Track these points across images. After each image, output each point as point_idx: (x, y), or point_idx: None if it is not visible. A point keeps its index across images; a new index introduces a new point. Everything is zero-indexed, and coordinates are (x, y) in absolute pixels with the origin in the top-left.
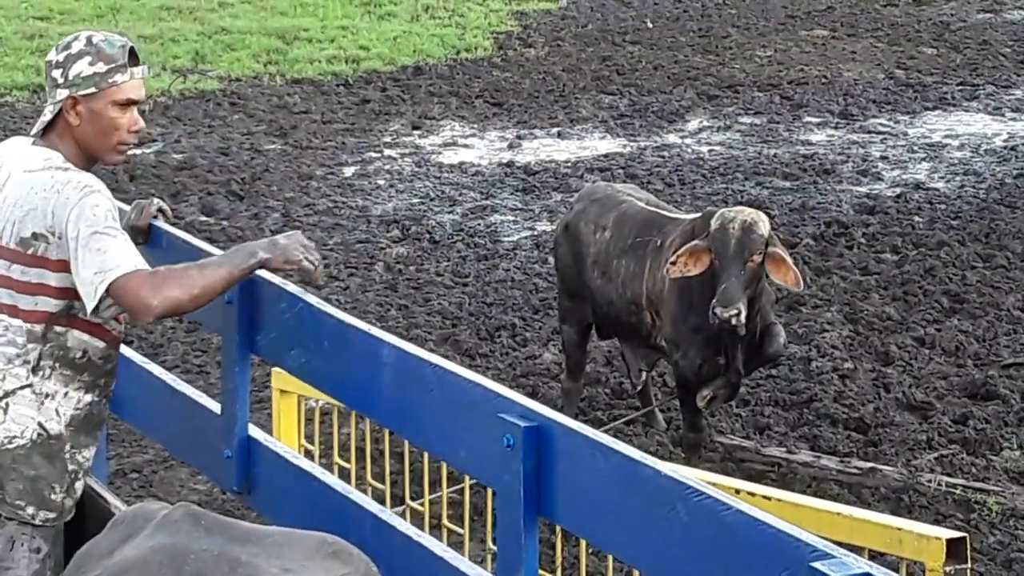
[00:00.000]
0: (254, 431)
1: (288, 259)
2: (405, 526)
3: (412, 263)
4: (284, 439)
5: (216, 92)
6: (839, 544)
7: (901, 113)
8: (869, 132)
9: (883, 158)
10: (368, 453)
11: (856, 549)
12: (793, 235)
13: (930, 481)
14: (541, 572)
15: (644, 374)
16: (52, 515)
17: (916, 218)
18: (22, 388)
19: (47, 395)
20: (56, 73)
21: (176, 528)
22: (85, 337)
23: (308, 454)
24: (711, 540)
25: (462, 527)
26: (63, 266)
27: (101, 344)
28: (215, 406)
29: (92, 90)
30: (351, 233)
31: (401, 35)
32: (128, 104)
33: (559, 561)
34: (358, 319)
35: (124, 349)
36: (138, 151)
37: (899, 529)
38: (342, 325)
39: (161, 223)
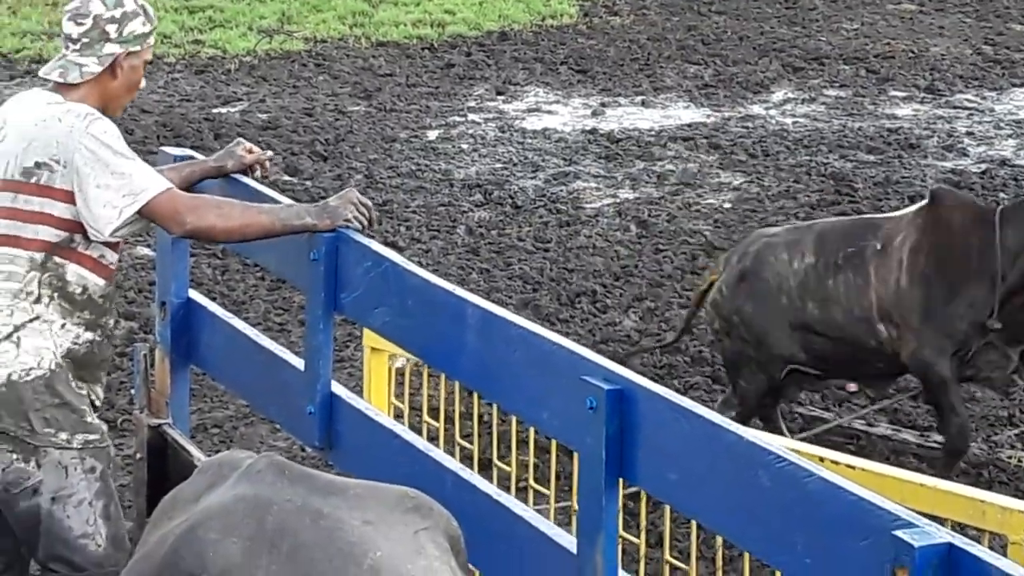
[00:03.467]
0: (337, 388)
1: (335, 221)
2: (486, 485)
3: (494, 227)
4: (374, 397)
5: (301, 53)
6: (921, 515)
7: (988, 89)
8: (955, 107)
9: (969, 134)
10: (457, 412)
11: (939, 520)
12: (877, 209)
13: (1010, 457)
14: (624, 534)
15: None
16: (94, 436)
17: (1001, 194)
18: (31, 320)
19: (53, 324)
20: (111, 28)
21: (260, 478)
22: (83, 271)
23: (398, 412)
24: (793, 507)
25: (548, 489)
26: (68, 196)
27: (101, 281)
28: (298, 362)
29: (138, 48)
30: (433, 196)
31: (487, 0)
32: (148, 63)
33: (643, 525)
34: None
35: (207, 303)
36: (224, 109)
37: (982, 501)
38: (427, 285)
39: (246, 179)
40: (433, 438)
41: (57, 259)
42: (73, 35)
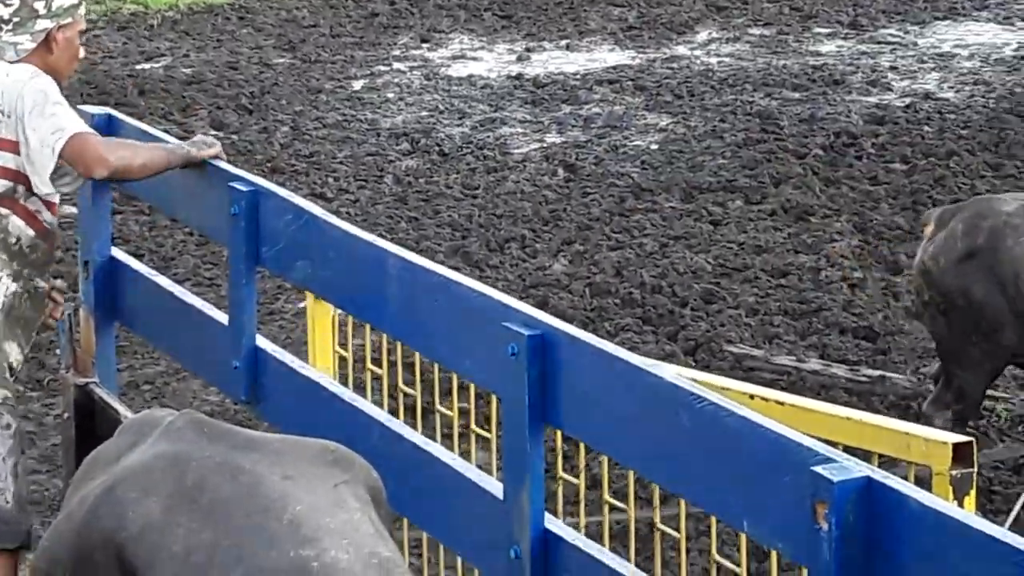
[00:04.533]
0: (262, 341)
1: (209, 150)
2: (412, 434)
3: (421, 176)
4: (318, 346)
5: (224, 6)
6: (849, 449)
7: (911, 23)
8: (879, 42)
9: (893, 68)
10: (400, 360)
11: (866, 454)
12: (803, 146)
13: None
14: (564, 475)
15: None
16: (9, 394)
17: (926, 128)
18: None
19: None
20: (39, 5)
21: (180, 435)
22: (20, 223)
23: (343, 361)
24: (714, 446)
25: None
26: (14, 146)
27: (31, 232)
28: (223, 317)
29: (69, 20)
30: (360, 146)
31: None
32: (83, 33)
33: (581, 466)
34: (367, 231)
35: (130, 260)
36: (147, 65)
37: (907, 434)
38: (347, 236)
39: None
40: (377, 387)
41: (1, 210)
42: (4, 16)
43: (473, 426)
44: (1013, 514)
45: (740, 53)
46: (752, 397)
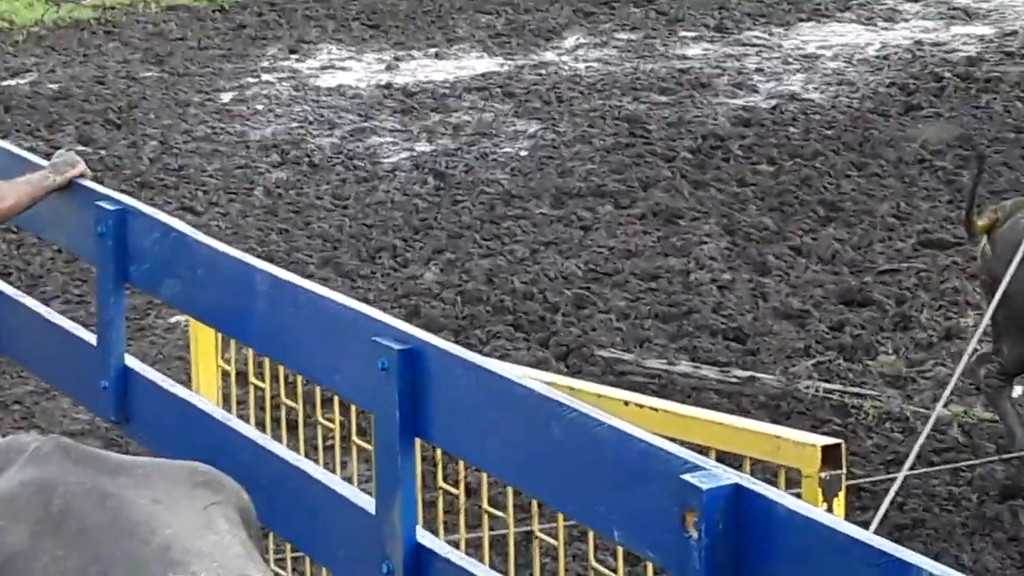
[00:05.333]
0: (131, 361)
1: (72, 170)
2: (283, 451)
3: (292, 187)
4: (201, 360)
5: (91, 21)
6: (721, 453)
7: (776, 25)
8: (744, 45)
9: (758, 70)
10: (282, 373)
11: (738, 457)
12: (671, 149)
13: (808, 388)
14: (444, 486)
15: None
16: None
17: (791, 129)
18: None
19: None
20: None
21: (46, 460)
22: None
23: (226, 375)
24: (584, 456)
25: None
26: None
27: None
28: (91, 337)
29: None
30: (230, 159)
31: None
32: None
33: (461, 476)
34: (238, 245)
35: None
36: (13, 81)
37: (777, 437)
38: (215, 253)
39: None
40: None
41: None
42: None
43: (354, 437)
44: (880, 512)
45: (608, 58)
46: (627, 404)
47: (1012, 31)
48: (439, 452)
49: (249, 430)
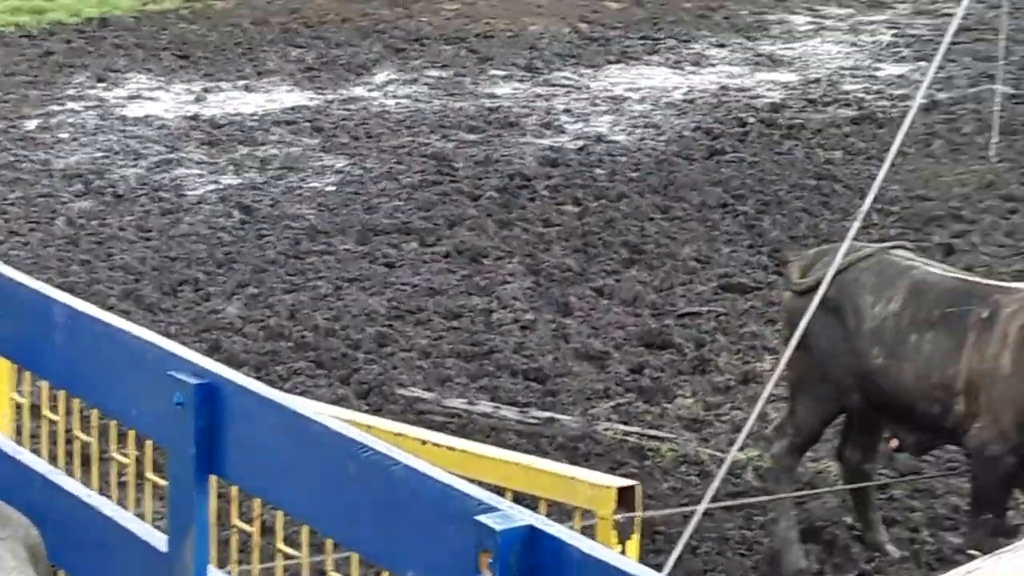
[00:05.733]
0: None
1: None
2: (74, 486)
3: (95, 218)
4: None
5: None
6: (518, 493)
7: (585, 66)
8: (553, 85)
9: (566, 111)
10: (76, 405)
11: (535, 498)
12: (477, 188)
13: (606, 429)
14: (238, 523)
15: (893, 442)
16: None
17: (597, 170)
18: None
19: None
20: None
21: None
22: None
23: (19, 407)
24: (380, 495)
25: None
26: None
27: None
28: None
29: None
30: (32, 187)
31: None
32: None
33: (256, 513)
34: (38, 275)
35: None
36: None
37: (573, 478)
38: (11, 283)
39: None
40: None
41: None
42: None
43: (149, 473)
44: (675, 554)
45: (417, 95)
46: (424, 443)
47: (815, 79)
48: (235, 489)
49: (40, 464)
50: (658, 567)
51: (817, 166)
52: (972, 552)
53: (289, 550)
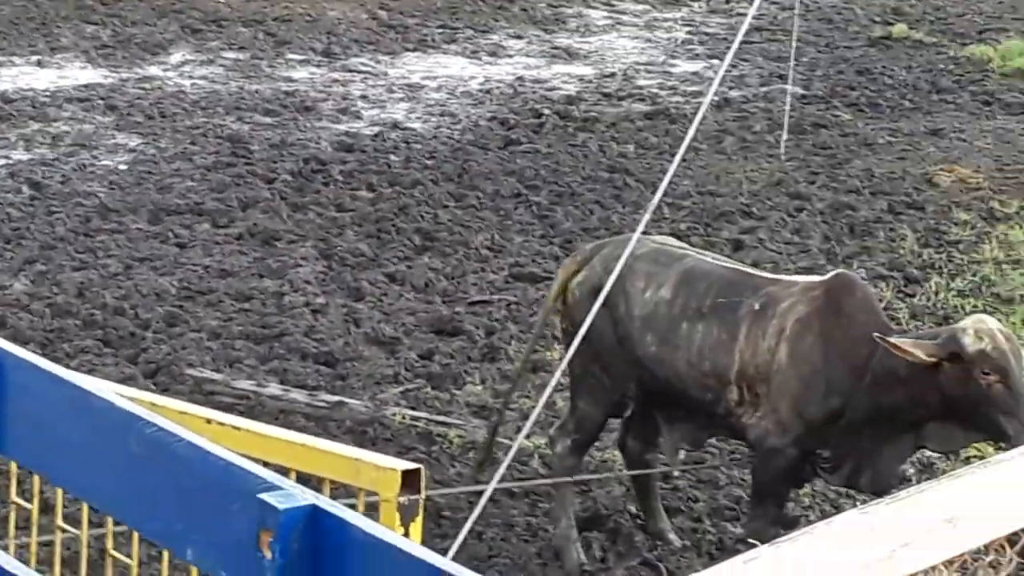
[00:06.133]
0: None
1: None
2: None
3: None
4: None
5: None
6: (303, 474)
7: (382, 53)
8: (350, 71)
9: (363, 97)
10: None
11: (320, 479)
12: (272, 171)
13: (395, 414)
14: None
15: (682, 454)
16: None
17: (392, 157)
18: None
19: None
20: None
21: None
22: None
23: None
24: (163, 472)
25: None
26: None
27: None
28: None
29: None
30: None
31: None
32: None
33: (35, 491)
34: None
35: None
36: None
37: (358, 460)
38: None
39: None
40: None
41: None
42: None
43: None
44: (459, 539)
45: (213, 76)
46: (209, 422)
47: (611, 73)
48: (14, 465)
49: None
50: (443, 552)
51: (610, 159)
52: (752, 541)
53: (70, 529)
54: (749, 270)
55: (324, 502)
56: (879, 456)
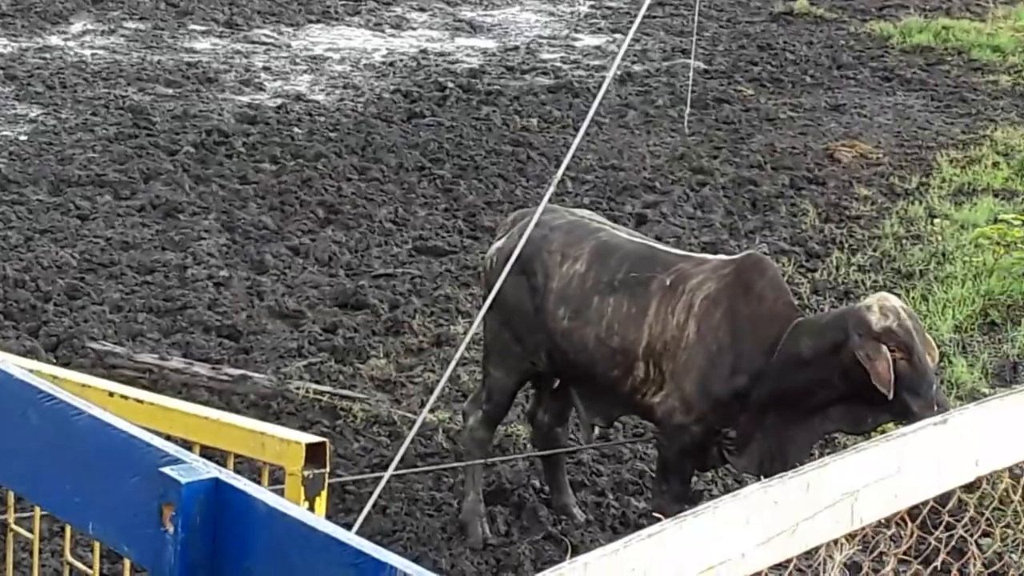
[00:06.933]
0: None
1: None
2: None
3: None
4: None
5: None
6: (208, 448)
7: (285, 25)
8: (253, 42)
9: (266, 69)
10: None
11: (224, 453)
12: (174, 142)
13: (299, 388)
14: None
15: (596, 431)
16: None
17: (296, 129)
18: None
19: None
20: None
21: None
22: None
23: None
24: (63, 446)
25: None
26: None
27: None
28: None
29: None
30: None
31: None
32: None
33: None
34: None
35: None
36: None
37: (262, 434)
38: None
39: None
40: None
41: None
42: None
43: None
44: (363, 513)
45: (115, 47)
46: (112, 395)
47: (515, 46)
48: None
49: None
50: (348, 526)
51: (514, 133)
52: (656, 515)
53: None
54: (661, 246)
55: (227, 476)
56: (786, 439)
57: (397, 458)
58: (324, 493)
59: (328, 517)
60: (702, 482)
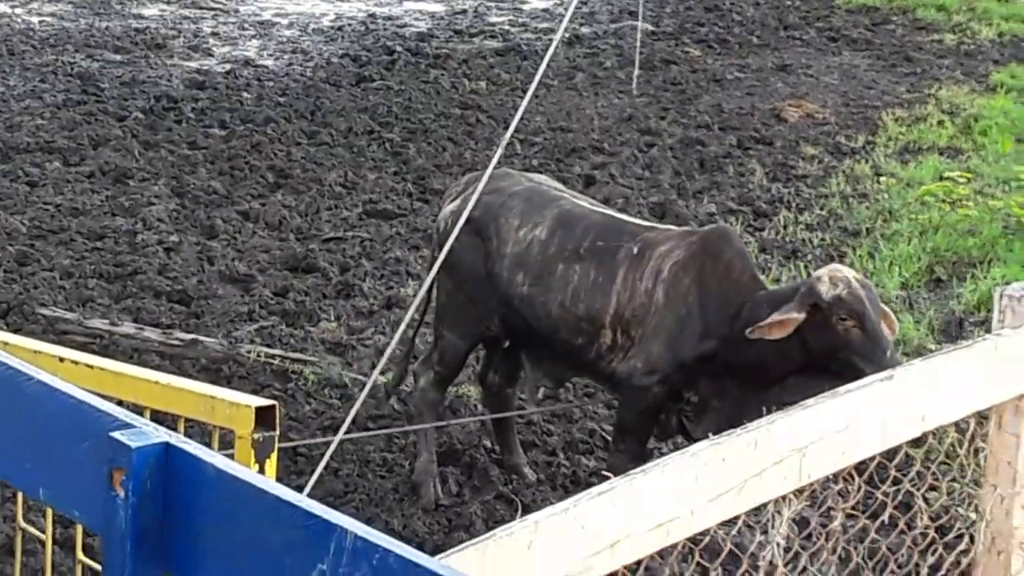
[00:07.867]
0: None
1: None
2: None
3: None
4: None
5: None
6: (158, 412)
7: None
8: (201, 8)
9: (214, 34)
10: None
11: (175, 418)
12: (123, 109)
13: (250, 352)
14: None
15: (541, 391)
16: None
17: (245, 94)
18: None
19: None
20: None
21: None
22: None
23: None
24: (13, 412)
25: None
26: None
27: None
28: None
29: None
30: None
31: None
32: None
33: None
34: None
35: None
36: None
37: (212, 397)
38: None
39: None
40: None
41: None
42: None
43: None
44: (315, 476)
45: (62, 13)
46: (62, 360)
47: (462, 9)
48: None
49: None
50: (299, 489)
51: (463, 95)
52: (605, 473)
53: None
54: (625, 217)
55: (177, 439)
56: (744, 407)
57: (348, 420)
58: (274, 456)
59: (280, 480)
60: (652, 440)
